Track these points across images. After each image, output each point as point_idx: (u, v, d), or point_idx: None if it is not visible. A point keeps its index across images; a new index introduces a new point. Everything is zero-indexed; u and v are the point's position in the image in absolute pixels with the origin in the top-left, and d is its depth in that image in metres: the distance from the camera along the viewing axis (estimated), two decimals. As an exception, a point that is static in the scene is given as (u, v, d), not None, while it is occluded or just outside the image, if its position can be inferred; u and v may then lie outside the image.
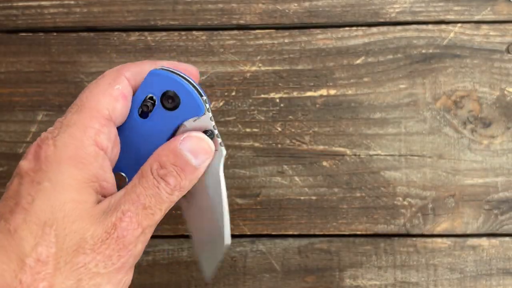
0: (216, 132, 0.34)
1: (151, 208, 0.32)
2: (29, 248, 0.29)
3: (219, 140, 0.34)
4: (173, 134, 0.34)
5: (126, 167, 0.34)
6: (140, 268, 0.47)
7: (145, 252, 0.47)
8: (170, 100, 0.34)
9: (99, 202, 0.32)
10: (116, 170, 0.34)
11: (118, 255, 0.31)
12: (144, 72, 0.34)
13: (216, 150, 0.34)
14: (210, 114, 0.34)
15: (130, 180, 0.34)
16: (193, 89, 0.34)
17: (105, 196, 0.33)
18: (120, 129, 0.34)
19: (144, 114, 0.34)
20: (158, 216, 0.32)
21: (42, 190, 0.30)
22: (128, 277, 0.32)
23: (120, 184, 0.35)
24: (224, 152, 0.34)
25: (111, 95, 0.33)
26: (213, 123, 0.34)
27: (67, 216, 0.30)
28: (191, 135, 0.33)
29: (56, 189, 0.30)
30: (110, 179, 0.33)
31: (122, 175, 0.35)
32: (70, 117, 0.32)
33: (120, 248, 0.31)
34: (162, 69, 0.34)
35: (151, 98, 0.34)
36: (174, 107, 0.34)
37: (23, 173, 0.32)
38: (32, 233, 0.29)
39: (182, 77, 0.34)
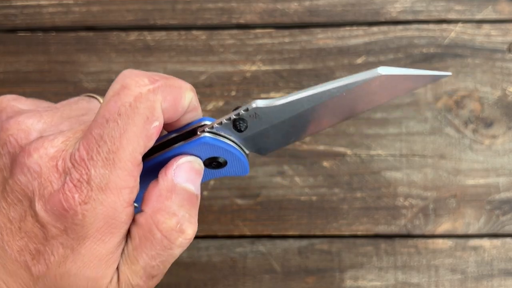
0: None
1: (158, 276, 0.29)
2: None
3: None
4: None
5: (139, 196, 0.30)
6: (139, 269, 0.47)
7: (145, 253, 0.47)
8: (215, 163, 0.31)
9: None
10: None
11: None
12: (179, 100, 0.29)
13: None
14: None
15: (139, 209, 0.30)
16: (240, 153, 0.31)
17: None
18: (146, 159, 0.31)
19: None
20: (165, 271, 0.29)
21: (64, 258, 0.27)
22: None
23: None
24: None
25: (146, 136, 0.27)
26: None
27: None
28: (179, 162, 0.29)
29: (76, 264, 0.27)
30: None
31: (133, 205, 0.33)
32: (102, 174, 0.26)
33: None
34: (211, 132, 0.30)
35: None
36: (219, 168, 0.31)
37: (47, 227, 0.27)
38: None
39: (231, 139, 0.31)
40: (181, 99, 0.28)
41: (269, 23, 0.48)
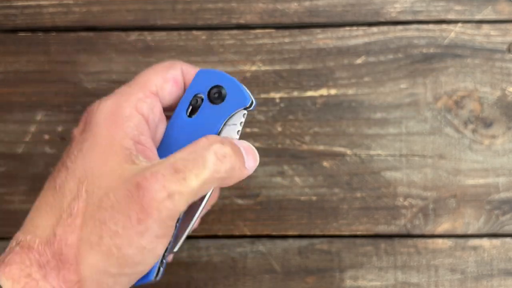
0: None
1: (184, 172, 0.29)
2: (66, 203, 0.31)
3: None
4: (221, 131, 0.34)
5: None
6: (139, 269, 0.47)
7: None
8: (217, 94, 0.34)
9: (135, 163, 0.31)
10: None
11: (137, 217, 0.29)
12: (194, 73, 0.36)
13: None
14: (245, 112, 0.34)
15: None
16: (239, 82, 0.34)
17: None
18: (167, 129, 0.35)
19: (192, 113, 0.35)
20: (193, 183, 0.29)
21: (82, 150, 0.32)
22: (155, 249, 0.30)
23: None
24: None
25: (163, 77, 0.35)
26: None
27: (95, 173, 0.31)
28: (245, 142, 0.34)
29: (91, 148, 0.32)
30: (147, 143, 0.33)
31: None
32: (120, 88, 0.34)
33: (140, 209, 0.29)
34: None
35: (199, 95, 0.34)
36: (221, 100, 0.34)
37: (72, 136, 0.34)
38: (70, 190, 0.31)
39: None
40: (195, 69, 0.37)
41: (269, 23, 0.48)
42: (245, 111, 0.34)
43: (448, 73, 0.48)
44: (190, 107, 0.35)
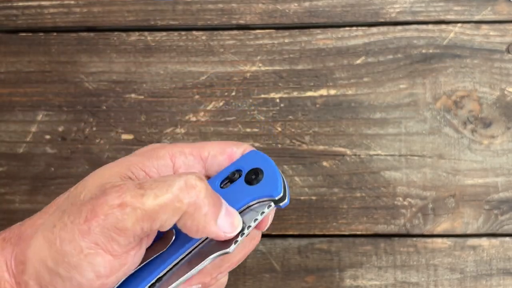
0: (246, 232, 0.33)
1: (145, 190, 0.29)
2: (56, 201, 0.34)
3: (239, 240, 0.33)
4: (242, 211, 0.33)
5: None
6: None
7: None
8: (254, 176, 0.33)
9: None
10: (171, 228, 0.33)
11: (86, 215, 0.29)
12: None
13: (229, 245, 0.32)
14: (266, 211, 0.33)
15: (177, 238, 0.33)
16: (279, 173, 0.33)
17: None
18: None
19: (225, 184, 0.34)
20: (149, 201, 0.29)
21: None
22: (93, 259, 0.29)
23: (168, 240, 0.33)
24: (230, 250, 0.33)
25: (222, 148, 0.35)
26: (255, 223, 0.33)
27: (93, 180, 0.31)
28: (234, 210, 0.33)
29: (111, 165, 0.33)
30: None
31: (172, 231, 0.33)
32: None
33: (90, 208, 0.29)
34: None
35: (239, 171, 0.34)
36: (255, 183, 0.33)
37: None
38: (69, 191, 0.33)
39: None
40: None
41: (269, 23, 0.48)
42: (272, 204, 0.33)
43: (447, 73, 0.48)
44: (227, 180, 0.34)
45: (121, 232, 0.29)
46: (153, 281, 0.32)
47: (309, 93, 0.48)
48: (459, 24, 0.48)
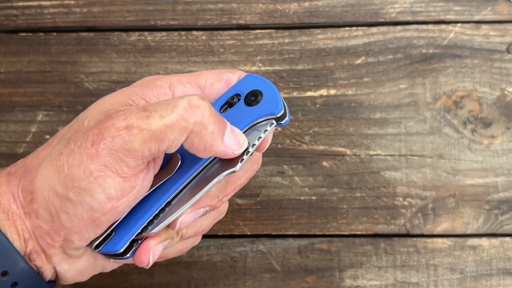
0: (251, 150, 0.33)
1: (150, 112, 0.29)
2: (61, 131, 0.34)
3: (245, 158, 0.33)
4: (245, 132, 0.34)
5: (185, 151, 0.33)
6: (140, 268, 0.47)
7: (145, 252, 0.47)
8: (253, 97, 0.34)
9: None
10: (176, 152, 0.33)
11: (92, 139, 0.30)
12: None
13: (235, 164, 0.33)
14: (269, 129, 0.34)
15: (182, 162, 0.33)
16: (278, 92, 0.34)
17: None
18: None
19: (225, 109, 0.35)
20: (155, 122, 0.29)
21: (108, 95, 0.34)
22: (103, 181, 0.30)
23: (174, 165, 0.34)
24: (237, 168, 0.33)
25: (218, 75, 0.35)
26: (259, 142, 0.34)
27: (95, 107, 0.33)
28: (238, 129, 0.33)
29: (112, 94, 0.34)
30: None
31: (177, 156, 0.34)
32: None
33: (97, 132, 0.30)
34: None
35: (237, 95, 0.35)
36: (255, 104, 0.34)
37: None
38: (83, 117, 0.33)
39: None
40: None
41: (269, 23, 0.48)
42: (274, 122, 0.34)
43: (447, 73, 0.48)
44: (226, 104, 0.35)
45: (130, 153, 0.29)
46: (163, 205, 0.33)
47: (309, 93, 0.48)
48: (459, 24, 0.48)
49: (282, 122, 0.34)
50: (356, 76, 0.48)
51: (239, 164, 0.32)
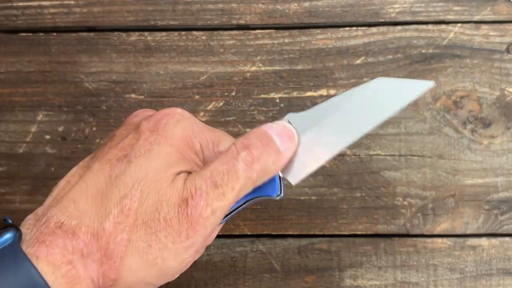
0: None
1: (222, 187, 0.31)
2: (118, 198, 0.30)
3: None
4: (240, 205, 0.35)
5: None
6: (140, 268, 0.47)
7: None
8: None
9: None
10: None
11: (186, 233, 0.30)
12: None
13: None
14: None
15: None
16: (278, 178, 0.34)
17: None
18: None
19: None
20: (230, 196, 0.31)
21: (151, 151, 0.32)
22: (191, 259, 0.32)
23: None
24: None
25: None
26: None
27: (154, 177, 0.31)
28: (276, 122, 0.34)
29: (160, 154, 0.32)
30: None
31: None
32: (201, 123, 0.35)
33: (188, 226, 0.30)
34: None
35: None
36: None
37: (141, 131, 0.33)
38: (125, 184, 0.31)
39: None
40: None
41: (269, 24, 0.48)
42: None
43: (447, 73, 0.48)
44: None
45: (215, 228, 0.32)
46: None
47: (309, 93, 0.48)
48: (459, 24, 0.48)
49: (277, 198, 0.34)
50: (356, 76, 0.48)
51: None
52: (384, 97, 0.34)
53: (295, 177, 0.34)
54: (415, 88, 0.33)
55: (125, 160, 0.32)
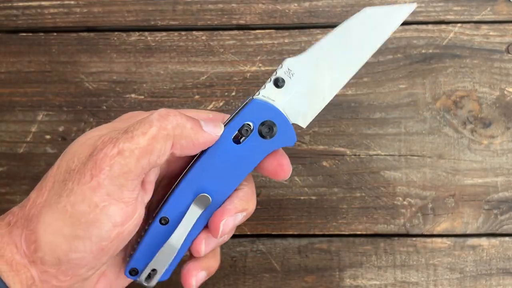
0: None
1: (132, 132, 0.31)
2: (48, 173, 0.33)
3: None
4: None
5: (213, 190, 0.35)
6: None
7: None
8: (267, 130, 0.35)
9: None
10: (201, 191, 0.35)
11: (90, 173, 0.31)
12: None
13: None
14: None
15: (213, 201, 0.35)
16: (289, 121, 0.35)
17: None
18: (210, 152, 0.35)
19: (237, 140, 0.35)
20: (141, 140, 0.31)
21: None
22: (108, 209, 0.31)
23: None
24: None
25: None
26: None
27: (76, 146, 0.33)
28: (206, 113, 0.35)
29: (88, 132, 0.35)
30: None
31: (206, 196, 0.35)
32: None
33: (92, 166, 0.31)
34: (264, 99, 0.35)
35: (248, 125, 0.35)
36: (270, 136, 0.35)
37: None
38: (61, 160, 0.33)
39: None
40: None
41: (269, 24, 0.48)
42: None
43: (447, 73, 0.48)
44: (238, 134, 0.35)
45: (127, 175, 0.31)
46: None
47: (309, 93, 0.48)
48: (458, 24, 0.48)
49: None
50: (355, 76, 0.48)
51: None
52: (373, 26, 0.35)
53: (305, 120, 0.36)
54: (400, 12, 0.36)
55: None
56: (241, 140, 0.35)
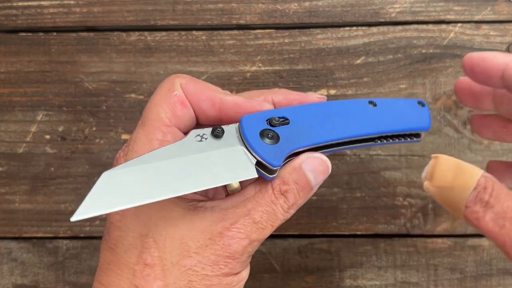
0: None
1: (262, 224, 0.32)
2: (135, 258, 0.32)
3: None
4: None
5: None
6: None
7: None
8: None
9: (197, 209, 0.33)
10: None
11: (224, 261, 0.31)
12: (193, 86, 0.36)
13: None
14: None
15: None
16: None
17: None
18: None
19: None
20: (268, 231, 0.33)
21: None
22: (239, 277, 0.33)
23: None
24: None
25: (169, 103, 0.35)
26: None
27: (160, 225, 0.32)
28: (314, 155, 0.34)
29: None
30: None
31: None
32: (136, 132, 0.34)
33: (226, 256, 0.31)
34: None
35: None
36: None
37: None
38: (131, 244, 0.32)
39: None
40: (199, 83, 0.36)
41: (269, 23, 0.48)
42: None
43: (447, 73, 0.48)
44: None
45: (251, 256, 0.33)
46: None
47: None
48: (459, 24, 0.48)
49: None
50: (356, 76, 0.48)
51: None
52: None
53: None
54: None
55: (112, 227, 0.33)
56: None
